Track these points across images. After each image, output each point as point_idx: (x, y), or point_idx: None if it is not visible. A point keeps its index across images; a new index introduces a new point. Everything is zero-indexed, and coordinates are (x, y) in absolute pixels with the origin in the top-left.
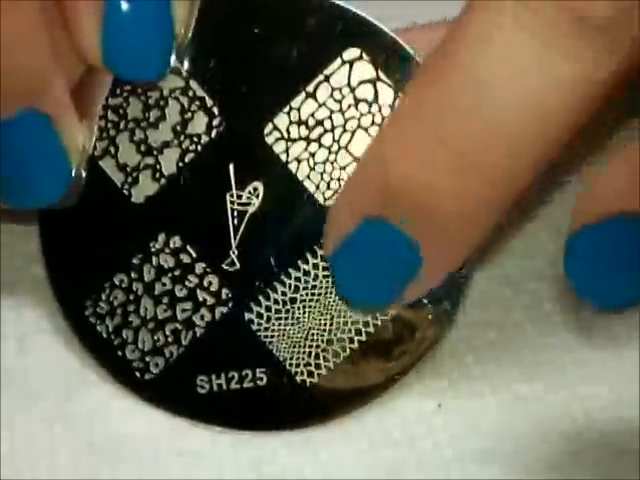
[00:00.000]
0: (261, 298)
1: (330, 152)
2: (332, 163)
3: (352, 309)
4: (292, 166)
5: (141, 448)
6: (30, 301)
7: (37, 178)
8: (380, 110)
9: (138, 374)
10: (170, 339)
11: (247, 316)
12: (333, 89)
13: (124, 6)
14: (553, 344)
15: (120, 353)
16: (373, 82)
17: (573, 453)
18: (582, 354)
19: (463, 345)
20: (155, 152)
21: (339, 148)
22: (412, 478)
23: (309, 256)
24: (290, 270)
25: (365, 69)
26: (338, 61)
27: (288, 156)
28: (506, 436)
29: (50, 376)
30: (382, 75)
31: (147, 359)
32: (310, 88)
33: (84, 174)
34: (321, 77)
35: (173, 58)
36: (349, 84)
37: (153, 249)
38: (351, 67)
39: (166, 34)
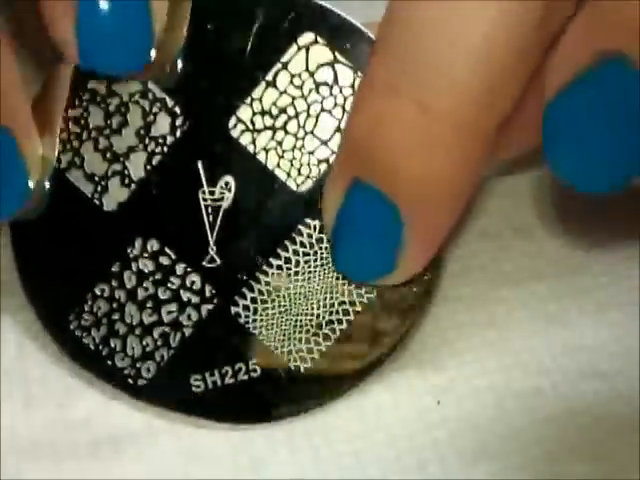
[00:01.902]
0: (245, 291)
1: (297, 138)
2: (300, 149)
3: (354, 282)
4: (261, 156)
5: (141, 448)
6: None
7: None
8: (341, 91)
9: (131, 381)
10: (159, 342)
11: (233, 310)
12: (292, 75)
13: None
14: (553, 343)
15: (110, 362)
16: (331, 64)
17: (572, 449)
18: (583, 353)
19: (462, 343)
20: (121, 158)
21: (305, 133)
22: (410, 477)
23: (288, 243)
24: (271, 259)
25: (322, 52)
26: (294, 47)
27: (256, 147)
28: (505, 433)
29: (50, 376)
30: (339, 56)
31: (138, 365)
32: (269, 77)
33: (47, 186)
34: (279, 65)
35: (153, 52)
36: (307, 69)
37: (131, 255)
38: (307, 52)
39: (142, 23)
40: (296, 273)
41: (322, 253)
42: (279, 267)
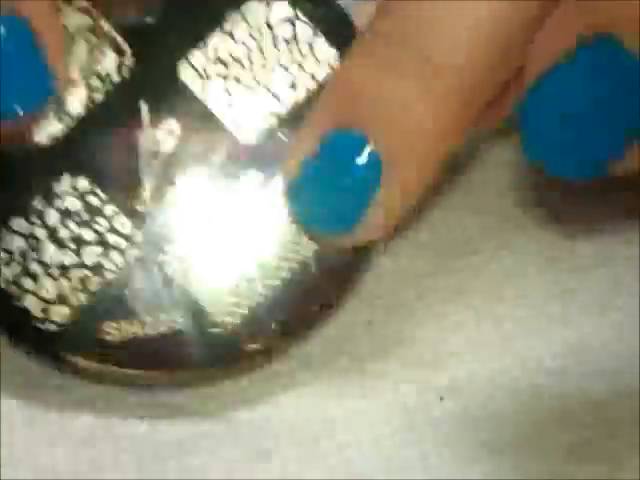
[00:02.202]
0: (176, 239)
1: (249, 89)
2: (251, 101)
3: (313, 234)
4: (209, 104)
5: (141, 443)
6: None
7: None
8: (299, 49)
9: (41, 325)
10: (77, 286)
11: (161, 258)
12: (251, 27)
13: None
14: (553, 341)
15: (18, 303)
16: (291, 21)
17: (573, 448)
18: (584, 352)
19: (462, 342)
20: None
21: (258, 86)
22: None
23: (227, 190)
24: (206, 200)
25: (283, 8)
26: (255, 1)
27: (205, 94)
28: (505, 431)
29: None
30: (300, 14)
31: (50, 309)
32: (227, 27)
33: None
34: (238, 16)
35: None
36: (267, 23)
37: (57, 191)
38: (268, 6)
39: None
40: (232, 218)
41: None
42: (217, 211)
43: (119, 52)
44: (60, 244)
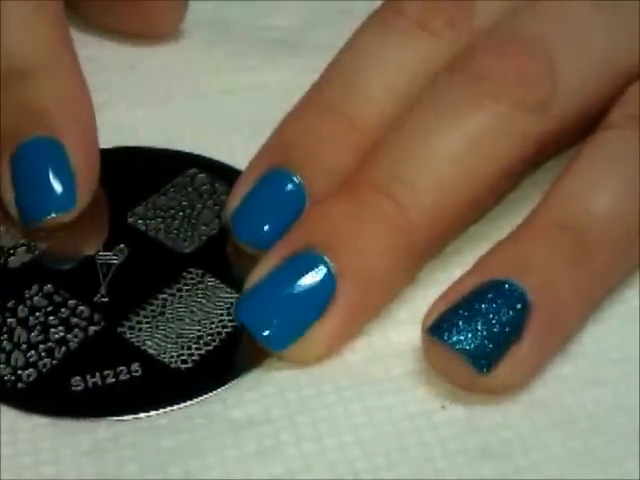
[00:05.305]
0: (131, 315)
1: (184, 217)
2: (187, 223)
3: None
4: (151, 233)
5: (142, 446)
6: None
7: None
8: (218, 197)
9: (10, 385)
10: (43, 354)
11: (119, 330)
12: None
13: None
14: None
15: None
16: (211, 183)
17: (574, 455)
18: (583, 360)
19: None
20: (32, 242)
21: (190, 216)
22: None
23: (173, 284)
24: (157, 294)
25: (203, 179)
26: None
27: (147, 228)
28: (505, 433)
29: None
30: (217, 182)
31: (19, 372)
32: (162, 191)
33: None
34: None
35: None
36: (193, 186)
37: (27, 295)
38: (192, 179)
39: None
40: (179, 302)
41: (206, 286)
42: (164, 299)
43: None
44: (29, 329)
